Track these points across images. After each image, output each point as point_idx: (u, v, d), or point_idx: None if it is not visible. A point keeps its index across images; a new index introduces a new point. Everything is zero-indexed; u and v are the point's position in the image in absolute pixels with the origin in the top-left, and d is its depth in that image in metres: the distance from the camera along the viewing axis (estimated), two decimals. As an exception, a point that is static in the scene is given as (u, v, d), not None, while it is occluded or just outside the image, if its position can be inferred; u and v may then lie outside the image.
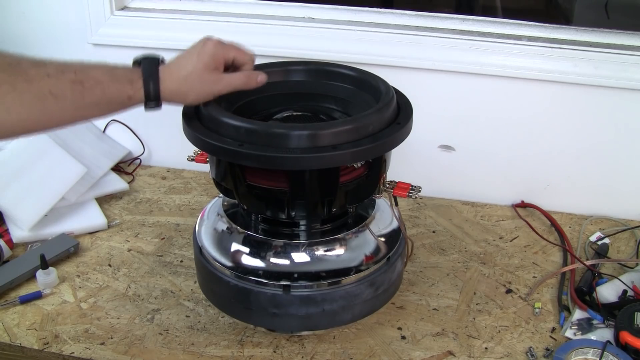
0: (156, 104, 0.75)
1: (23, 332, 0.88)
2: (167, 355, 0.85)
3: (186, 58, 0.76)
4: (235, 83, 0.77)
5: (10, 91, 0.67)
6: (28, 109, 0.68)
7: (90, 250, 1.07)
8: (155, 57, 0.76)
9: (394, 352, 0.85)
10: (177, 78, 0.75)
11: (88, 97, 0.70)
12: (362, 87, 0.86)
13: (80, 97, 0.70)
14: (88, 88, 0.70)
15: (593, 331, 0.87)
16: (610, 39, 1.09)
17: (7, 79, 0.67)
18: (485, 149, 1.18)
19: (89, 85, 0.70)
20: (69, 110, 0.71)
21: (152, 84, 0.73)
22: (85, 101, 0.71)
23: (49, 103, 0.69)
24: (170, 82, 0.74)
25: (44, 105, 0.69)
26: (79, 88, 0.70)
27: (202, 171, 1.29)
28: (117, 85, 0.72)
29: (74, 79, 0.70)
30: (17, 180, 1.10)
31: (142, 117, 1.30)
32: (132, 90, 0.73)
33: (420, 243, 1.08)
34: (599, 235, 1.10)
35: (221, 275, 0.83)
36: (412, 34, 1.13)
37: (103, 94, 0.71)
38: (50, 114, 0.70)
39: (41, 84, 0.68)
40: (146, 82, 0.73)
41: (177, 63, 0.76)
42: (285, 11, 1.22)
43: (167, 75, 0.74)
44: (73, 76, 0.70)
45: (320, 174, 0.75)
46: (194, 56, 0.76)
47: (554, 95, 1.10)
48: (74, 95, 0.70)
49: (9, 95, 0.67)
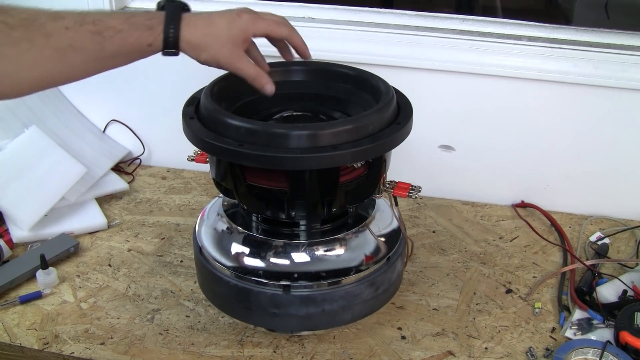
0: (174, 52, 0.73)
1: (23, 332, 0.88)
2: (167, 355, 0.85)
3: (216, 19, 0.74)
4: (244, 72, 0.76)
5: (29, 48, 0.65)
6: (48, 64, 0.67)
7: (90, 250, 1.07)
8: (181, 2, 0.73)
9: (394, 352, 0.85)
10: (200, 32, 0.72)
11: (108, 47, 0.69)
12: (362, 87, 0.86)
13: (101, 49, 0.69)
14: (108, 38, 0.68)
15: (593, 331, 0.87)
16: (610, 39, 1.09)
17: (25, 35, 0.65)
18: (485, 149, 1.18)
19: (108, 35, 0.68)
20: (90, 62, 0.70)
21: (172, 30, 0.71)
22: (106, 52, 0.69)
23: (69, 56, 0.68)
24: (191, 32, 0.72)
25: (64, 59, 0.68)
26: (99, 39, 0.68)
27: (202, 171, 1.29)
28: (137, 33, 0.70)
29: (93, 29, 0.68)
30: (17, 180, 1.10)
31: (142, 117, 1.31)
32: (152, 37, 0.71)
33: (420, 243, 1.08)
34: (599, 235, 1.10)
35: (221, 275, 0.83)
36: (412, 34, 1.13)
37: (123, 43, 0.69)
38: (71, 67, 0.69)
39: (60, 37, 0.67)
40: (167, 27, 0.71)
41: (206, 18, 0.74)
42: (285, 11, 1.21)
43: (191, 24, 0.72)
44: (92, 27, 0.68)
45: (320, 174, 0.75)
46: (224, 21, 0.74)
47: (554, 95, 1.10)
48: (94, 47, 0.68)
49: (28, 52, 0.66)
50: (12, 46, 0.65)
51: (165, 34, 0.71)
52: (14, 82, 0.67)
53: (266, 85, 0.77)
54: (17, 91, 0.69)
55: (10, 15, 0.66)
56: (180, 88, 0.89)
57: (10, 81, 0.67)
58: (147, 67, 1.22)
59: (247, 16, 0.75)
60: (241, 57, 0.75)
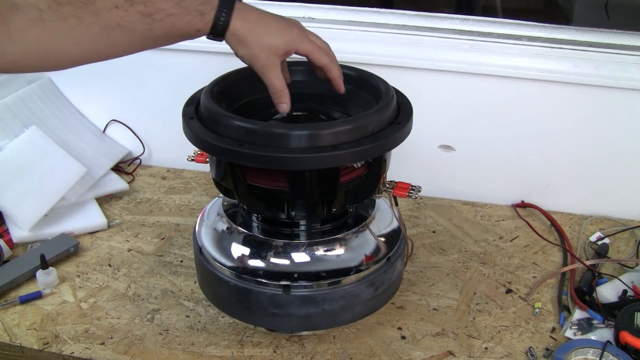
0: (219, 39, 0.72)
1: (23, 332, 0.88)
2: (167, 355, 0.85)
3: (268, 20, 0.74)
4: (272, 82, 0.75)
5: (78, 24, 0.65)
6: (95, 41, 0.67)
7: (90, 250, 1.07)
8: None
9: (394, 352, 0.85)
10: (249, 26, 0.72)
11: (157, 29, 0.68)
12: (362, 87, 0.86)
13: (149, 30, 0.68)
14: (157, 20, 0.68)
15: (593, 331, 0.87)
16: (610, 39, 1.09)
17: (74, 12, 0.65)
18: (485, 149, 1.18)
19: (158, 17, 0.68)
20: (136, 42, 0.69)
21: (223, 16, 0.70)
22: (154, 33, 0.69)
23: (117, 35, 0.67)
24: (241, 23, 0.72)
25: (111, 38, 0.67)
26: (148, 20, 0.68)
27: (202, 171, 1.29)
28: (188, 18, 0.70)
29: (144, 10, 0.68)
30: (17, 180, 1.10)
31: (142, 117, 1.31)
32: (202, 23, 0.70)
33: (420, 243, 1.08)
34: (599, 235, 1.10)
35: (221, 275, 0.83)
36: (412, 34, 1.13)
37: (172, 27, 0.69)
38: (117, 46, 0.69)
39: (109, 15, 0.66)
40: (218, 12, 0.70)
41: (258, 14, 0.74)
42: (285, 11, 1.21)
43: (243, 16, 0.72)
44: (142, 8, 0.68)
45: (320, 174, 0.75)
46: (275, 26, 0.74)
47: (554, 95, 1.10)
48: (142, 27, 0.68)
49: (76, 29, 0.65)
50: (60, 22, 0.65)
51: (216, 20, 0.70)
52: (59, 57, 0.67)
53: (284, 104, 0.77)
54: (60, 66, 0.69)
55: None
56: (180, 88, 0.89)
57: (56, 56, 0.67)
58: (147, 67, 1.23)
59: (297, 32, 0.76)
60: (275, 67, 0.75)
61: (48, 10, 0.65)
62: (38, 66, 0.68)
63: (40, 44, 0.65)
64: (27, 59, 0.66)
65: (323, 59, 0.78)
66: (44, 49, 0.66)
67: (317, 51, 0.77)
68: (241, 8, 0.73)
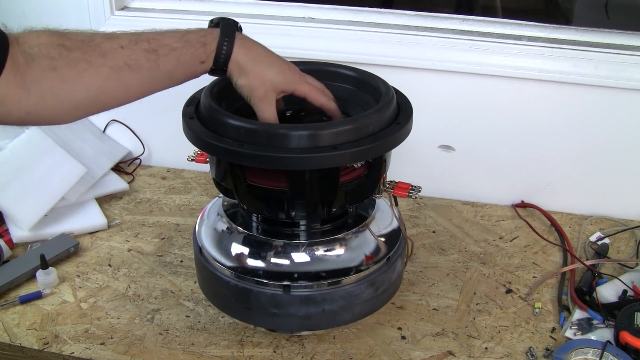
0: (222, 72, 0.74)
1: (23, 332, 0.88)
2: (167, 355, 0.85)
3: (270, 55, 0.76)
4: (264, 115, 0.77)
5: (87, 67, 0.66)
6: (105, 83, 0.68)
7: (90, 250, 1.07)
8: (234, 21, 0.75)
9: (394, 352, 0.85)
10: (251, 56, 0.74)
11: (162, 65, 0.70)
12: (362, 87, 0.86)
13: (156, 66, 0.70)
14: (162, 55, 0.70)
15: (593, 331, 0.87)
16: (610, 39, 1.09)
17: (83, 56, 0.66)
18: (485, 149, 1.18)
19: (163, 52, 0.70)
20: (145, 81, 0.71)
21: (225, 46, 0.72)
22: (161, 70, 0.70)
23: (125, 75, 0.68)
24: (244, 52, 0.73)
25: (120, 79, 0.68)
26: (153, 57, 0.69)
27: (202, 171, 1.29)
28: (191, 50, 0.71)
29: (148, 47, 0.69)
30: (17, 180, 1.10)
31: (142, 117, 1.31)
32: (205, 54, 0.72)
33: (420, 243, 1.08)
34: (599, 235, 1.10)
35: (221, 275, 0.83)
36: (412, 34, 1.13)
37: (178, 61, 0.71)
38: (127, 86, 0.70)
39: (116, 55, 0.68)
40: (220, 42, 0.72)
41: (260, 46, 0.76)
42: (285, 11, 1.22)
43: (245, 45, 0.74)
44: (147, 45, 0.69)
45: (320, 174, 0.75)
46: (275, 63, 0.76)
47: (554, 95, 1.10)
48: (149, 64, 0.69)
49: (86, 72, 0.67)
50: (71, 67, 0.66)
51: (219, 49, 0.72)
52: (72, 104, 0.68)
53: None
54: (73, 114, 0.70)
55: (68, 38, 0.67)
56: (180, 88, 0.89)
57: (68, 103, 0.68)
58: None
59: (296, 74, 0.78)
60: (272, 102, 0.76)
61: (59, 58, 0.66)
62: (53, 116, 0.69)
63: (53, 92, 0.66)
64: (41, 109, 0.66)
65: (320, 99, 0.80)
66: (57, 96, 0.66)
67: (314, 92, 0.80)
68: (243, 38, 0.75)
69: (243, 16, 1.20)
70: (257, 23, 1.19)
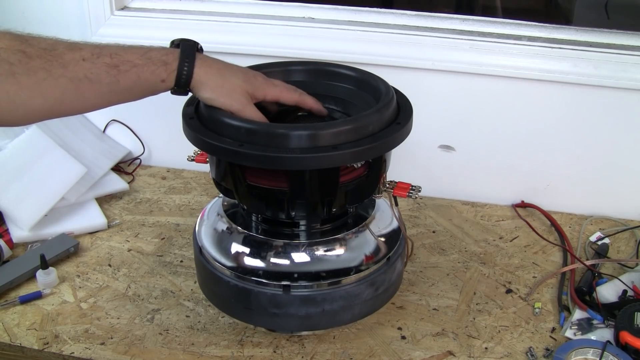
0: (184, 92, 0.75)
1: (23, 332, 0.88)
2: (167, 355, 0.85)
3: (232, 67, 0.77)
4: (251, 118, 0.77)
5: (47, 77, 0.67)
6: (63, 94, 0.68)
7: (90, 250, 1.07)
8: (194, 42, 0.75)
9: (394, 352, 0.85)
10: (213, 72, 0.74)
11: (123, 81, 0.70)
12: (362, 87, 0.86)
13: (115, 82, 0.70)
14: (123, 71, 0.70)
15: (593, 331, 0.87)
16: (610, 39, 1.09)
17: (43, 65, 0.67)
18: (485, 149, 1.18)
19: (124, 68, 0.70)
20: (103, 94, 0.71)
21: (186, 67, 0.73)
22: (120, 85, 0.70)
23: (84, 87, 0.69)
24: (205, 70, 0.74)
25: (79, 90, 0.69)
26: (114, 72, 0.70)
27: (202, 171, 1.29)
28: (152, 68, 0.72)
29: (110, 62, 0.69)
30: (17, 180, 1.10)
31: (142, 117, 1.31)
32: (166, 73, 0.72)
33: (420, 243, 1.08)
34: (599, 235, 1.10)
35: (221, 275, 0.83)
36: (412, 34, 1.13)
37: (138, 78, 0.71)
38: (85, 98, 0.70)
39: (77, 68, 0.68)
40: (181, 63, 0.72)
41: (220, 62, 0.76)
42: (285, 11, 1.22)
43: (206, 64, 0.74)
44: (109, 60, 0.69)
45: (320, 174, 0.75)
46: (240, 72, 0.76)
47: (554, 95, 1.10)
48: (109, 80, 0.70)
49: (45, 81, 0.67)
50: (29, 75, 0.66)
51: (180, 69, 0.73)
52: (27, 111, 0.68)
53: None
54: (28, 119, 0.71)
55: (30, 45, 0.67)
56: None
57: (23, 109, 0.68)
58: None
59: (262, 79, 0.78)
60: (246, 107, 0.76)
61: (19, 64, 0.66)
62: (6, 120, 0.69)
63: (9, 97, 0.66)
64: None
65: (293, 96, 0.80)
66: (13, 102, 0.67)
67: (285, 92, 0.80)
68: (202, 58, 0.75)
69: (243, 16, 1.21)
70: (257, 23, 1.19)
